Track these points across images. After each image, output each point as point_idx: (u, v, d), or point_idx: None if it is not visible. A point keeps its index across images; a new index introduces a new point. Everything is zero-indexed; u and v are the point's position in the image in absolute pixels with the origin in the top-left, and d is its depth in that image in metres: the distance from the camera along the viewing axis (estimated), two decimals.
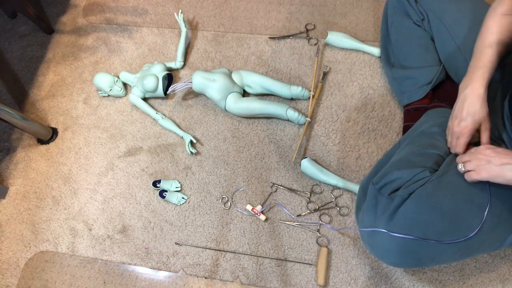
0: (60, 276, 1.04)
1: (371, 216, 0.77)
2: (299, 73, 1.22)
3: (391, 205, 0.74)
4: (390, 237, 0.72)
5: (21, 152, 1.21)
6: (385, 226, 0.73)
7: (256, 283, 0.97)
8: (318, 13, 1.32)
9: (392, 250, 0.73)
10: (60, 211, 1.12)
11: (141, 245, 1.05)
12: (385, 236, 0.73)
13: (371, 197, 0.79)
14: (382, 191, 0.78)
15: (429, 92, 1.02)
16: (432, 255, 0.72)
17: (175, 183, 1.09)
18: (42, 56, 1.37)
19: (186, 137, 1.13)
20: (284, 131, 1.14)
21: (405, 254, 0.73)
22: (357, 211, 0.86)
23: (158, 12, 1.41)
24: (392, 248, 0.73)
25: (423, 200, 0.71)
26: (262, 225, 1.03)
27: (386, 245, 0.74)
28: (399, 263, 0.77)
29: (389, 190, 0.77)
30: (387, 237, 0.73)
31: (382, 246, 0.75)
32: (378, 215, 0.75)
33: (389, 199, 0.75)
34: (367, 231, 0.77)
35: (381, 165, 0.89)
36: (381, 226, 0.74)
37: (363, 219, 0.80)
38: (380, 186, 0.78)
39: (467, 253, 0.74)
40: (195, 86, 1.12)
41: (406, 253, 0.72)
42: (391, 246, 0.73)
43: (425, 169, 0.76)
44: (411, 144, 0.86)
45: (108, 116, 1.24)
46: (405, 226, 0.71)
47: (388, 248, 0.74)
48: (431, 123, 0.90)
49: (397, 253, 0.73)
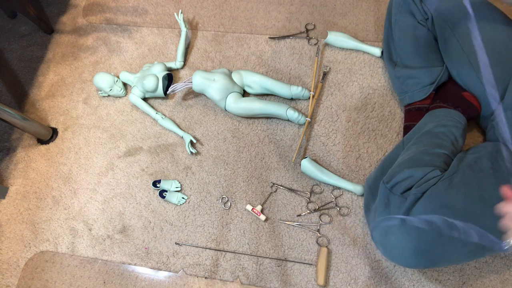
0: (60, 276, 1.04)
1: (384, 216, 0.76)
2: (299, 73, 1.22)
3: (404, 204, 0.73)
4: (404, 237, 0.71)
5: (21, 152, 1.21)
6: (400, 226, 0.72)
7: (256, 283, 0.97)
8: (318, 13, 1.32)
9: (407, 251, 0.72)
10: (60, 211, 1.12)
11: (141, 245, 1.05)
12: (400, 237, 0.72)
13: (382, 196, 0.78)
14: (393, 190, 0.77)
15: (432, 92, 1.02)
16: (446, 254, 0.71)
17: (175, 183, 1.09)
18: (42, 56, 1.37)
19: (186, 137, 1.13)
20: (284, 131, 1.14)
21: (420, 254, 0.71)
22: (366, 211, 0.86)
23: (158, 12, 1.41)
24: (406, 248, 0.72)
25: (436, 199, 0.70)
26: (262, 225, 1.03)
27: (400, 245, 0.72)
28: (413, 263, 0.76)
29: (401, 189, 0.76)
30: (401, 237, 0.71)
31: (397, 245, 0.73)
32: (391, 214, 0.75)
33: (402, 198, 0.75)
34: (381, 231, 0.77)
35: (387, 164, 0.88)
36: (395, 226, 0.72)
37: (375, 219, 0.79)
38: (391, 185, 0.78)
39: (480, 253, 0.73)
40: (195, 86, 1.12)
41: (421, 253, 0.71)
42: (406, 246, 0.71)
43: (435, 168, 0.76)
44: (418, 144, 0.85)
45: (108, 116, 1.24)
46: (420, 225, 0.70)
47: (403, 247, 0.72)
48: (435, 123, 0.90)
49: (411, 254, 0.72)
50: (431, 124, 0.91)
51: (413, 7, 0.97)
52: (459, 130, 0.88)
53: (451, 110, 0.94)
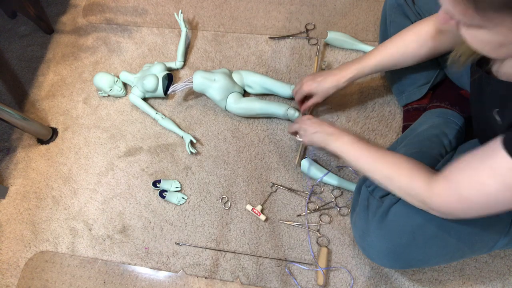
0: (60, 276, 1.04)
1: (363, 218, 0.78)
2: (299, 73, 1.22)
3: (381, 208, 0.74)
4: (380, 239, 0.73)
5: (21, 152, 1.21)
6: (376, 229, 0.74)
7: (256, 283, 0.97)
8: (318, 13, 1.32)
9: (383, 252, 0.74)
10: (60, 211, 1.12)
11: (141, 245, 1.05)
12: (376, 238, 0.74)
13: (363, 198, 0.80)
14: (374, 193, 0.78)
15: (429, 92, 1.02)
16: (422, 257, 0.72)
17: (175, 183, 1.09)
18: (42, 56, 1.37)
19: (186, 137, 1.13)
20: (284, 131, 1.14)
21: (395, 256, 0.73)
22: (352, 212, 0.87)
23: (158, 12, 1.41)
24: (382, 250, 0.74)
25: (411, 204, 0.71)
26: (262, 225, 1.03)
27: (377, 247, 0.75)
28: (390, 264, 0.78)
29: (380, 193, 0.77)
30: (377, 239, 0.74)
31: (373, 247, 0.76)
32: (369, 217, 0.76)
33: (380, 202, 0.76)
34: (360, 233, 0.78)
35: None
36: (372, 228, 0.74)
37: (356, 220, 0.80)
38: (372, 188, 0.79)
39: (457, 256, 0.74)
40: (195, 86, 1.12)
41: (396, 255, 0.73)
42: (381, 248, 0.74)
43: None
44: (408, 146, 0.86)
45: (108, 116, 1.24)
46: (395, 229, 0.72)
47: (379, 250, 0.75)
48: (428, 125, 0.91)
49: (387, 255, 0.74)
50: (424, 125, 0.91)
51: (407, 9, 0.98)
52: (453, 130, 0.88)
53: (447, 110, 0.94)
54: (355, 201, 0.85)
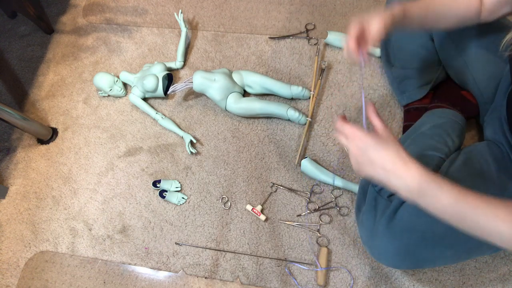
0: (60, 276, 1.04)
1: (371, 218, 0.77)
2: (299, 73, 1.22)
3: (389, 208, 0.74)
4: (389, 239, 0.73)
5: (21, 152, 1.21)
6: (384, 229, 0.73)
7: (256, 283, 0.97)
8: (318, 13, 1.32)
9: (391, 252, 0.74)
10: (60, 211, 1.12)
11: (141, 245, 1.05)
12: (384, 238, 0.73)
13: (370, 198, 0.79)
14: (381, 192, 0.78)
15: (430, 92, 1.02)
16: (430, 257, 0.72)
17: (175, 183, 1.09)
18: (42, 56, 1.37)
19: (186, 137, 1.13)
20: (284, 131, 1.14)
21: (404, 256, 0.73)
22: (357, 212, 0.87)
23: (158, 12, 1.41)
24: (390, 250, 0.74)
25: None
26: (262, 225, 1.03)
27: (385, 246, 0.74)
28: (398, 264, 0.78)
29: (388, 192, 0.77)
30: (386, 239, 0.73)
31: (381, 247, 0.75)
32: (377, 217, 0.76)
33: (388, 201, 0.76)
34: (367, 232, 0.78)
35: None
36: (380, 228, 0.74)
37: (363, 220, 0.80)
38: (379, 188, 0.78)
39: (466, 256, 0.74)
40: (195, 86, 1.12)
41: (404, 255, 0.73)
42: (389, 248, 0.73)
43: None
44: (411, 146, 0.86)
45: (108, 116, 1.24)
46: (404, 229, 0.71)
47: (386, 249, 0.74)
48: (431, 124, 0.90)
49: (395, 255, 0.74)
50: (427, 125, 0.91)
51: None
52: (455, 130, 0.88)
53: (449, 110, 0.94)
54: (360, 200, 0.85)
